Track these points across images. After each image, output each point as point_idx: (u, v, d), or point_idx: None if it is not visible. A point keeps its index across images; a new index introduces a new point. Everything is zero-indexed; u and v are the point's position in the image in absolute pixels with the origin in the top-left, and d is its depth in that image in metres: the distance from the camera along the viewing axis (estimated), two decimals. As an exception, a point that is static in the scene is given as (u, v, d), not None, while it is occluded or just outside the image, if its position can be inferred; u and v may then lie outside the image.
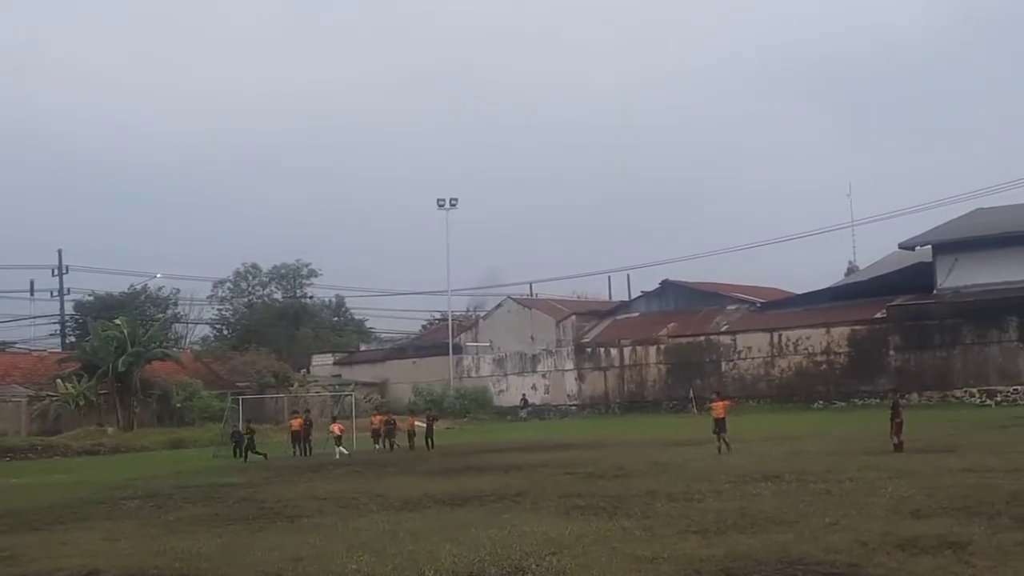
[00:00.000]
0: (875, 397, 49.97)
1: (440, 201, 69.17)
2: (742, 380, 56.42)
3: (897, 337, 52.31)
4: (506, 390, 67.12)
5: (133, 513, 19.81)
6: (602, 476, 22.21)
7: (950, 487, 17.00)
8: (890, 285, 54.68)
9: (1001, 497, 15.38)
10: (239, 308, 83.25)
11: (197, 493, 23.06)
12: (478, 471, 25.43)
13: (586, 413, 62.38)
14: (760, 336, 57.32)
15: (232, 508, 19.77)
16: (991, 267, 50.33)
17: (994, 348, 49.39)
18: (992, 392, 48.78)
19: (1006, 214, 55.25)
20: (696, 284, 65.87)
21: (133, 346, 53.56)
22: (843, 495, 16.66)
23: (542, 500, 18.23)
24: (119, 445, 46.83)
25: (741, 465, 22.93)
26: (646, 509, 16.21)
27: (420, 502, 18.98)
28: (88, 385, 52.67)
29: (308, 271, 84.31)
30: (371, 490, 21.65)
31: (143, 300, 75.44)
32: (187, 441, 47.59)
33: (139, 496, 22.97)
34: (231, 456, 36.89)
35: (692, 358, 59.35)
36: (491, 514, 16.66)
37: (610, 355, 63.02)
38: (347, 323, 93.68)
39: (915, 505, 15.08)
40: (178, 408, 55.58)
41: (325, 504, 19.47)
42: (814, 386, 54.71)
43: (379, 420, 39.61)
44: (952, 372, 50.29)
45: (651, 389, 61.03)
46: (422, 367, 70.23)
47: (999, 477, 18.09)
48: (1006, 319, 49.11)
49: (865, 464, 21.65)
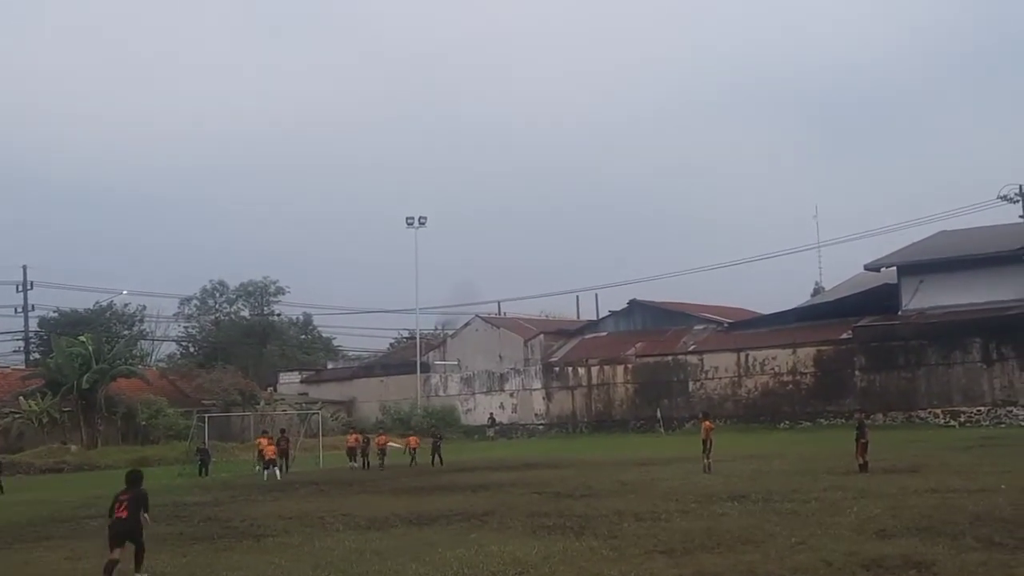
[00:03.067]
0: (841, 417, 50.19)
1: (409, 219, 69.19)
2: (709, 400, 56.49)
3: (862, 358, 52.67)
4: (474, 409, 66.96)
5: (96, 532, 19.54)
6: (569, 496, 22.19)
7: (915, 507, 17.11)
8: (856, 306, 55.10)
9: (965, 517, 15.49)
10: (206, 325, 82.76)
11: (161, 512, 22.74)
12: (445, 490, 25.36)
13: (554, 432, 62.29)
14: (727, 356, 57.56)
15: (197, 527, 19.60)
16: (955, 289, 50.85)
17: (958, 369, 49.81)
18: (956, 413, 49.18)
19: (970, 236, 55.95)
20: (664, 304, 66.12)
21: (98, 363, 53.06)
22: (809, 515, 16.73)
23: (509, 520, 18.19)
24: (83, 463, 46.41)
25: (708, 485, 22.99)
26: (613, 529, 16.21)
27: (387, 521, 18.89)
28: (52, 402, 52.12)
29: (276, 288, 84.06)
30: (337, 509, 21.54)
31: (109, 317, 74.99)
32: (152, 459, 47.08)
33: (102, 515, 22.57)
34: (196, 474, 36.66)
35: (660, 378, 59.47)
36: (458, 534, 16.61)
37: (578, 374, 63.04)
38: (315, 341, 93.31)
39: (880, 525, 15.16)
40: (143, 426, 55.07)
41: (291, 523, 19.34)
42: (780, 406, 54.96)
43: (354, 439, 40.42)
44: (916, 393, 50.66)
45: (619, 408, 61.08)
46: (390, 385, 70.03)
47: (963, 497, 18.21)
48: (970, 340, 49.56)
49: (830, 484, 21.75)
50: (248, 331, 79.34)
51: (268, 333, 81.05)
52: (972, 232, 57.06)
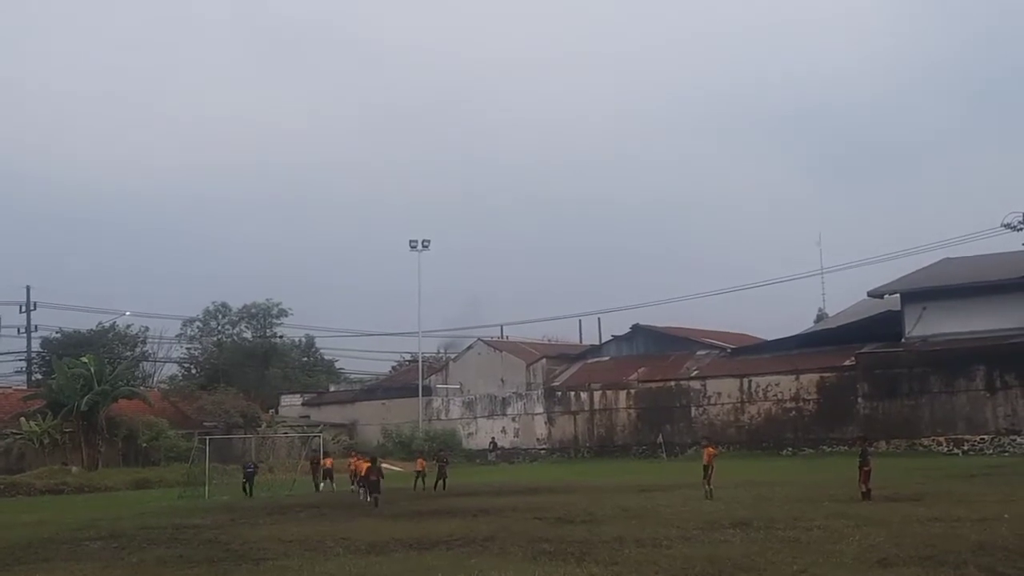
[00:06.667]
0: (843, 444, 49.95)
1: (412, 243, 69.13)
2: (711, 426, 56.35)
3: (865, 385, 52.55)
4: (475, 433, 66.82)
5: (96, 554, 19.53)
6: (571, 521, 22.12)
7: (917, 536, 17.05)
8: (859, 333, 55.01)
9: (968, 546, 15.44)
10: (208, 347, 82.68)
11: (161, 534, 22.77)
12: (446, 515, 25.27)
13: (556, 457, 62.12)
14: (730, 382, 57.45)
15: (197, 550, 19.54)
16: (959, 316, 50.79)
17: (962, 397, 49.68)
18: (960, 441, 49.02)
19: (974, 264, 55.92)
20: (666, 329, 66.07)
21: (99, 384, 53.06)
22: (811, 543, 16.67)
23: (510, 545, 18.13)
24: (83, 484, 46.29)
25: (710, 512, 22.91)
26: (614, 555, 16.15)
27: (387, 546, 18.83)
28: (53, 423, 52.05)
29: (278, 310, 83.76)
30: (337, 533, 21.48)
31: (111, 338, 75.01)
32: (152, 481, 47.09)
33: (102, 537, 22.66)
34: (242, 493, 37.37)
35: (662, 403, 59.35)
36: (458, 559, 16.55)
37: (580, 399, 62.94)
38: (317, 363, 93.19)
39: (882, 554, 15.10)
40: (144, 447, 54.99)
41: (291, 547, 19.28)
42: (783, 433, 54.82)
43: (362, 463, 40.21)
44: (920, 421, 50.50)
45: (621, 434, 60.94)
46: (392, 408, 69.89)
47: (966, 526, 18.15)
48: (974, 368, 49.45)
49: (833, 512, 21.68)
50: (250, 353, 79.21)
51: (270, 355, 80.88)
52: (976, 260, 57.01)
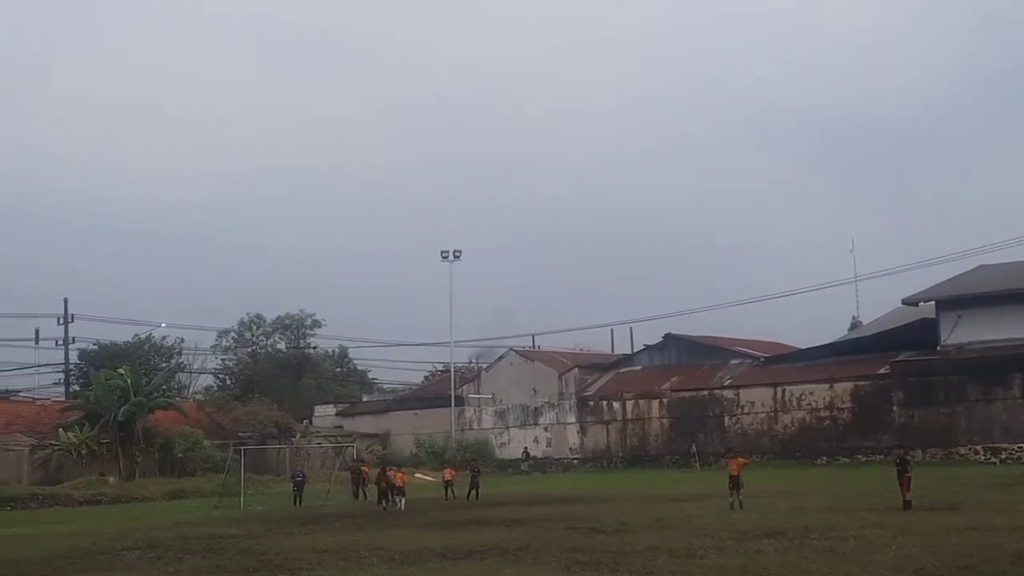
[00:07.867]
0: (879, 453, 49.64)
1: (444, 253, 69.40)
2: (745, 435, 56.13)
3: (901, 393, 52.15)
4: (508, 443, 66.85)
5: (133, 564, 19.72)
6: (604, 531, 22.11)
7: (954, 546, 16.92)
8: (894, 341, 54.61)
9: (1005, 556, 15.32)
10: (243, 358, 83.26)
11: (198, 544, 22.95)
12: (479, 524, 25.33)
13: (588, 467, 62.03)
14: (763, 391, 57.16)
15: (232, 560, 19.68)
16: (995, 324, 50.29)
17: (998, 405, 49.21)
18: (997, 449, 48.55)
19: (1009, 271, 55.34)
20: (699, 338, 65.80)
21: (136, 395, 53.51)
22: (847, 553, 16.59)
23: (543, 555, 18.15)
24: (120, 495, 46.64)
25: (744, 521, 22.83)
26: (648, 565, 16.14)
27: (420, 555, 18.90)
28: (90, 434, 52.54)
29: (312, 321, 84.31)
30: (371, 542, 21.57)
31: (147, 349, 75.65)
32: (188, 491, 47.37)
33: (139, 547, 22.86)
34: (291, 503, 37.75)
35: (695, 412, 59.14)
36: (492, 569, 16.59)
37: (612, 408, 62.84)
38: (350, 374, 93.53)
39: (919, 564, 15.01)
40: (180, 458, 55.35)
41: (325, 556, 19.39)
42: (817, 442, 54.45)
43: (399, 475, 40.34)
44: (956, 429, 50.05)
45: (654, 443, 60.77)
46: (424, 418, 70.04)
47: (1003, 536, 18.00)
48: (1010, 376, 49.00)
49: (869, 521, 21.56)
50: (284, 364, 79.74)
51: (304, 366, 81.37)
52: (1011, 266, 56.42)
